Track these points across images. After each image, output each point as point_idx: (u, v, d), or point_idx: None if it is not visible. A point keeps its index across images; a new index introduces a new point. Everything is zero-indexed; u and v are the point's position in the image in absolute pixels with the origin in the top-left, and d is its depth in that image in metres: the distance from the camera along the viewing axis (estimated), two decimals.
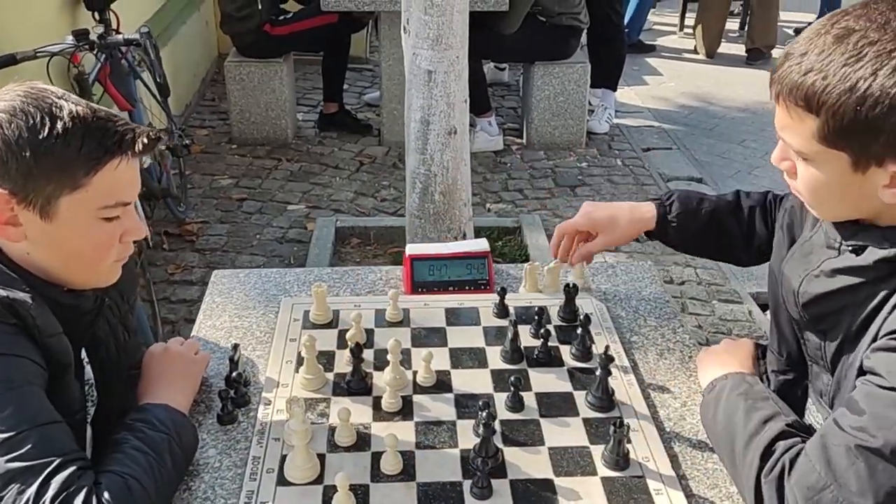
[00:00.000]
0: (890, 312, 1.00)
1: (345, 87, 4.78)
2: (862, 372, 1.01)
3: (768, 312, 1.35)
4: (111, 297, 1.27)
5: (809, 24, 7.31)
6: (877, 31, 0.96)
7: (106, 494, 1.00)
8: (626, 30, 5.60)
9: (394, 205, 3.89)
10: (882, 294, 1.02)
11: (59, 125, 1.04)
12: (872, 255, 1.05)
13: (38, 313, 1.06)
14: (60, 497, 0.97)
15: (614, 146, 4.60)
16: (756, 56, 6.00)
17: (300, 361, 1.35)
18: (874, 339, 1.01)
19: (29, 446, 0.99)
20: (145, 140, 1.10)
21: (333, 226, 3.52)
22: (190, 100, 4.89)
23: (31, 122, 1.04)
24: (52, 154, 1.04)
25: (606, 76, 4.74)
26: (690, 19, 6.49)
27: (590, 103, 4.63)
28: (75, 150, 1.05)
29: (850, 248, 1.09)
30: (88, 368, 1.24)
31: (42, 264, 1.11)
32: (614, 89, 4.85)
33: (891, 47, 0.94)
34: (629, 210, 1.52)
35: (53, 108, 1.06)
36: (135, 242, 1.20)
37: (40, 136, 1.03)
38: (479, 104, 4.30)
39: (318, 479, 1.14)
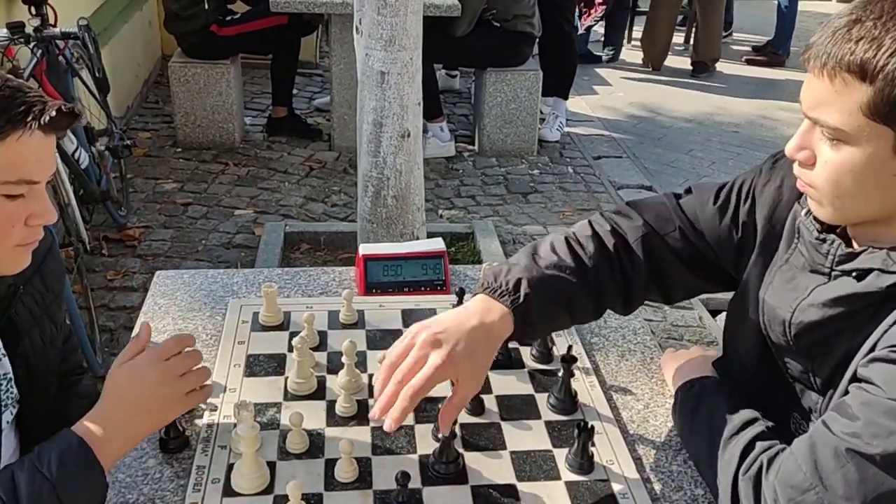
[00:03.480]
0: (891, 325, 0.94)
1: (294, 91, 4.70)
2: (856, 379, 0.97)
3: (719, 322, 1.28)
4: (33, 286, 1.18)
5: (768, 41, 7.23)
6: None
7: None
8: None
9: (344, 210, 3.82)
10: (885, 314, 0.96)
11: None
12: (881, 280, 0.97)
13: None
14: None
15: (565, 154, 4.62)
16: (701, 69, 6.13)
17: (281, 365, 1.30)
18: (871, 350, 0.96)
19: None
20: (53, 113, 1.00)
21: (282, 231, 3.43)
22: (132, 101, 4.73)
23: None
24: None
25: (558, 85, 4.77)
26: (638, 32, 6.60)
27: (541, 111, 4.64)
28: None
29: (849, 273, 1.01)
30: (6, 362, 1.15)
31: None
32: (565, 98, 4.88)
33: None
34: (484, 334, 1.10)
35: None
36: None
37: None
38: (431, 109, 4.26)
39: (268, 489, 1.07)
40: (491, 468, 1.13)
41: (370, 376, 1.30)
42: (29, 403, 1.19)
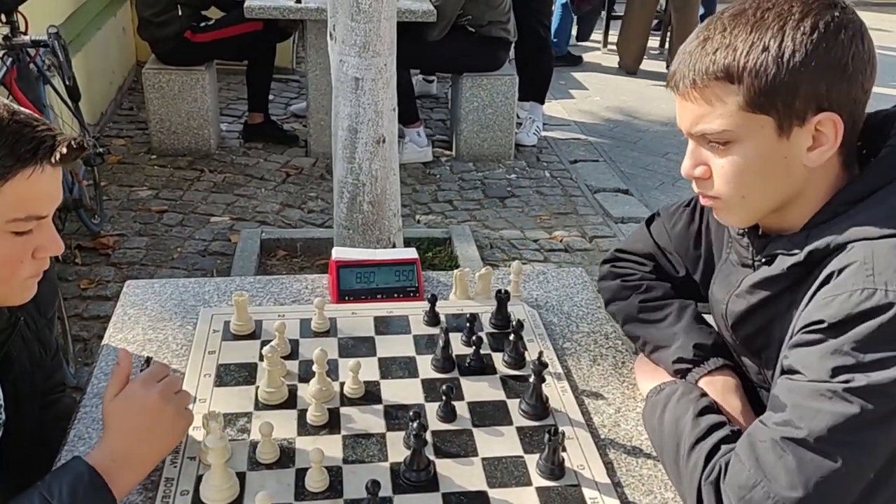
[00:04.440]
0: (803, 310, 1.00)
1: (270, 97, 4.69)
2: (784, 371, 1.01)
3: None
4: (26, 310, 1.16)
5: None
6: (768, 1, 1.00)
7: None
8: (555, 40, 5.75)
9: (321, 216, 3.81)
10: (801, 299, 1.02)
11: None
12: (784, 262, 1.06)
13: None
14: None
15: (542, 158, 4.64)
16: None
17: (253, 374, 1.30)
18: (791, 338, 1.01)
19: None
20: (64, 150, 0.99)
21: (258, 237, 3.42)
22: (106, 108, 4.69)
23: None
24: None
25: (534, 89, 4.79)
26: (613, 36, 6.65)
27: (518, 116, 4.66)
28: None
29: (762, 261, 1.11)
30: None
31: None
32: (542, 102, 4.90)
33: (787, 6, 0.99)
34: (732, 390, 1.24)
35: None
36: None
37: None
38: (408, 114, 4.26)
39: (238, 500, 1.06)
40: (462, 475, 1.13)
41: (342, 384, 1.29)
42: (12, 425, 1.17)
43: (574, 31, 6.51)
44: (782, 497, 0.93)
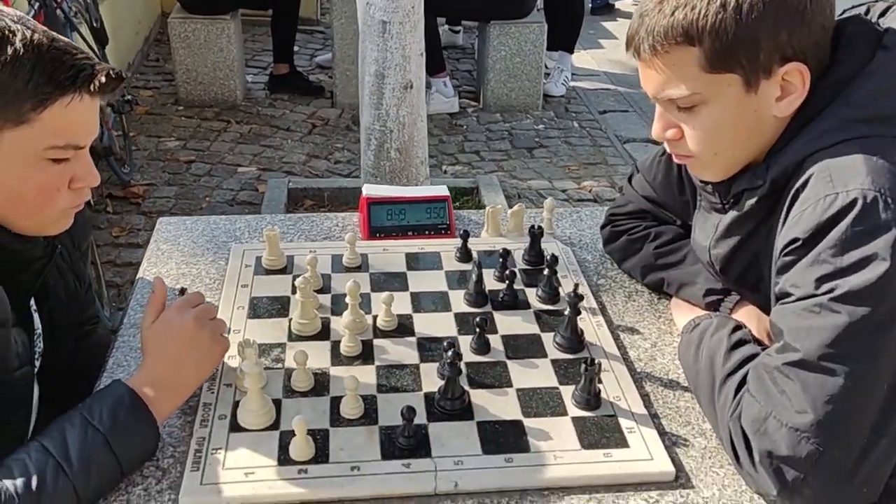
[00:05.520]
0: (780, 234, 1.00)
1: (296, 49, 4.64)
2: (777, 298, 1.01)
3: None
4: (61, 242, 1.17)
5: None
6: None
7: None
8: None
9: (348, 167, 3.79)
10: (777, 226, 1.03)
11: (9, 50, 0.94)
12: (750, 197, 1.08)
13: None
14: None
15: (571, 108, 4.57)
16: None
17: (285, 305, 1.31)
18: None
19: None
20: (103, 78, 0.99)
21: (286, 187, 3.42)
22: (132, 59, 4.68)
23: None
24: None
25: (563, 38, 4.70)
26: None
27: (546, 66, 4.57)
28: (23, 82, 0.94)
29: (731, 202, 1.12)
30: (37, 318, 1.16)
31: None
32: (571, 52, 4.81)
33: None
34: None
35: (5, 32, 0.94)
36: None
37: None
38: (434, 64, 4.20)
39: (275, 425, 1.07)
40: (497, 404, 1.13)
41: (374, 317, 1.29)
42: (48, 355, 1.19)
43: None
44: (793, 423, 0.92)
